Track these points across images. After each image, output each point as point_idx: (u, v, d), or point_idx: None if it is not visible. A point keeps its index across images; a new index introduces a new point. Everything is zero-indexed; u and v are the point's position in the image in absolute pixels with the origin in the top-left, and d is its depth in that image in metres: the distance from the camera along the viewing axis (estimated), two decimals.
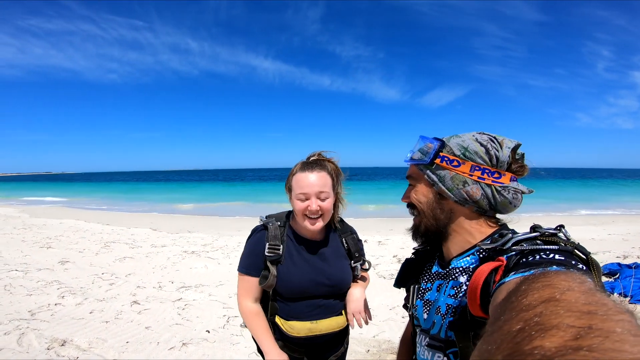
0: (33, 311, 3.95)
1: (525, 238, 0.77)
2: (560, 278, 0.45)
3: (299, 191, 1.47)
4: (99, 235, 9.18)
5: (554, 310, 0.35)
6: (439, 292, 0.96)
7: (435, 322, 0.92)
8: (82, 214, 15.27)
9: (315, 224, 1.50)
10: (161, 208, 18.38)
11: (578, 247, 0.71)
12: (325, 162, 1.57)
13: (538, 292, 0.41)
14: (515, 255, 0.73)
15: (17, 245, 7.76)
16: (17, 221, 12.08)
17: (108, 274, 5.58)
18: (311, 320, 1.55)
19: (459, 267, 0.93)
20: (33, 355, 2.97)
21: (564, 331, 0.31)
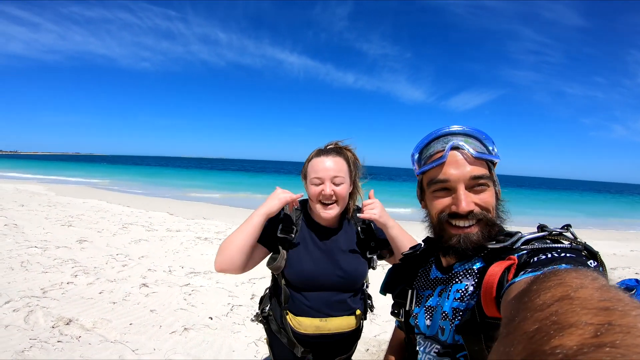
0: (45, 289, 3.97)
1: (534, 237, 0.76)
2: (572, 276, 0.43)
3: (313, 175, 1.43)
4: (119, 217, 9.30)
5: (569, 308, 0.34)
6: (441, 297, 0.92)
7: (443, 327, 0.87)
8: (105, 194, 15.59)
9: (329, 210, 1.43)
10: (180, 194, 18.61)
11: (586, 245, 0.70)
12: (343, 149, 1.52)
13: (550, 291, 0.40)
14: (525, 255, 0.72)
15: (40, 222, 7.91)
16: (43, 198, 12.37)
17: (122, 255, 5.62)
18: (320, 318, 1.46)
19: (462, 271, 0.89)
20: (37, 333, 2.96)
21: (582, 329, 0.30)
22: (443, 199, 0.86)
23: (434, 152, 0.89)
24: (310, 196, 1.46)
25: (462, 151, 0.86)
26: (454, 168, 0.84)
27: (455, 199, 0.83)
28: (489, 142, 0.90)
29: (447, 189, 0.86)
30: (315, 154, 1.49)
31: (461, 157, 0.85)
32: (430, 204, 0.90)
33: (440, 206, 0.87)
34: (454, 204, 0.83)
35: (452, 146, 0.86)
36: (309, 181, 1.45)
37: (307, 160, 1.50)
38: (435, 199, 0.88)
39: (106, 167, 55.21)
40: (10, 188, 15.14)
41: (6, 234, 6.41)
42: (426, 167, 0.89)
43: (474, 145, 0.87)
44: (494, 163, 0.90)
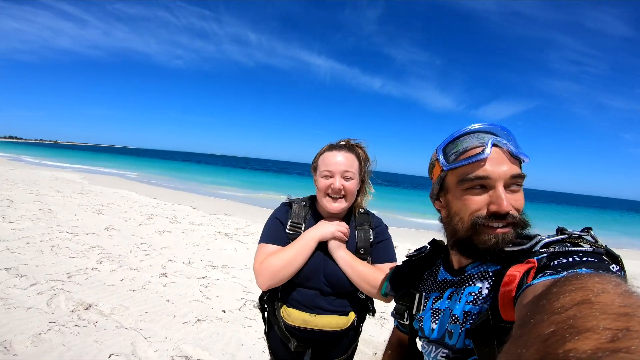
0: (71, 274, 4.08)
1: (554, 240, 0.72)
2: (594, 280, 0.41)
3: (323, 168, 1.42)
4: (145, 208, 9.55)
5: (588, 312, 0.33)
6: (450, 300, 0.87)
7: (452, 331, 0.83)
8: (134, 186, 16.13)
9: (337, 204, 1.42)
10: (204, 189, 18.99)
11: (608, 249, 0.67)
12: (354, 146, 1.52)
13: (570, 295, 0.39)
14: (545, 258, 0.68)
15: (73, 208, 8.21)
16: (77, 186, 12.88)
17: (145, 245, 5.74)
18: (309, 313, 1.43)
19: (475, 273, 0.84)
20: (56, 317, 3.04)
21: (599, 334, 0.29)
22: (479, 197, 0.80)
23: (469, 147, 0.82)
24: (319, 189, 1.45)
25: (502, 148, 0.80)
26: (495, 165, 0.78)
27: (494, 198, 0.77)
28: (516, 142, 0.84)
29: (483, 187, 0.80)
30: (327, 148, 1.48)
31: (501, 154, 0.80)
32: (461, 204, 0.82)
33: (475, 205, 0.80)
34: (493, 202, 0.77)
35: (494, 142, 0.79)
36: (318, 174, 1.45)
37: (319, 154, 1.50)
38: (468, 198, 0.81)
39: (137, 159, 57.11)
40: (48, 175, 15.87)
41: (40, 218, 6.69)
42: (463, 162, 0.81)
43: (510, 143, 0.81)
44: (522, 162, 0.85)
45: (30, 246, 4.91)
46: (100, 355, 2.57)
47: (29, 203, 8.10)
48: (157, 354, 2.70)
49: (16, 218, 6.43)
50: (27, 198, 8.77)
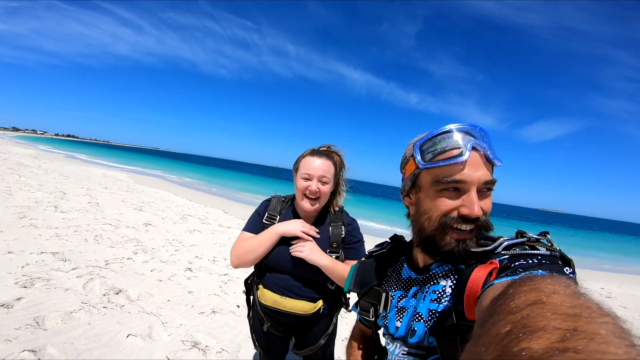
0: (108, 261, 4.37)
1: (514, 243, 0.75)
2: (546, 282, 0.44)
3: (304, 171, 1.55)
4: (181, 208, 9.97)
5: (540, 312, 0.35)
6: (415, 299, 0.87)
7: (415, 329, 0.83)
8: (173, 187, 16.83)
9: (312, 205, 1.56)
10: (237, 195, 19.45)
11: (562, 253, 0.70)
12: (333, 154, 1.64)
13: (525, 295, 0.41)
14: (506, 259, 0.70)
15: (117, 204, 8.74)
16: (124, 184, 13.66)
17: (177, 241, 6.03)
18: (280, 295, 1.59)
19: (440, 272, 0.85)
20: (89, 298, 3.27)
21: (550, 333, 0.31)
22: (451, 199, 0.78)
23: (447, 147, 0.78)
24: (298, 189, 1.58)
25: (479, 152, 0.78)
26: (472, 169, 0.76)
27: (467, 202, 0.76)
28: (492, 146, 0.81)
29: (456, 190, 0.78)
30: (309, 152, 1.61)
31: (478, 158, 0.77)
32: (432, 204, 0.81)
33: (446, 207, 0.78)
34: (465, 206, 0.76)
35: (473, 145, 0.77)
36: (299, 175, 1.57)
37: (301, 157, 1.62)
38: (441, 200, 0.79)
39: (178, 163, 59.43)
40: (99, 173, 16.97)
41: (88, 210, 7.20)
42: (441, 163, 0.78)
43: (487, 147, 0.79)
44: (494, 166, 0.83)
45: (77, 234, 5.30)
46: (119, 335, 2.75)
47: (80, 196, 8.72)
48: (170, 338, 2.87)
49: (67, 209, 6.98)
50: (78, 192, 9.45)
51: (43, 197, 7.72)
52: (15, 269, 3.61)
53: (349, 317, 3.74)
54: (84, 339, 2.60)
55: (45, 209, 6.62)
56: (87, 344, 2.56)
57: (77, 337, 2.62)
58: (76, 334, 2.65)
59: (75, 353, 2.42)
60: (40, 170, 13.37)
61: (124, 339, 2.71)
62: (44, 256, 4.14)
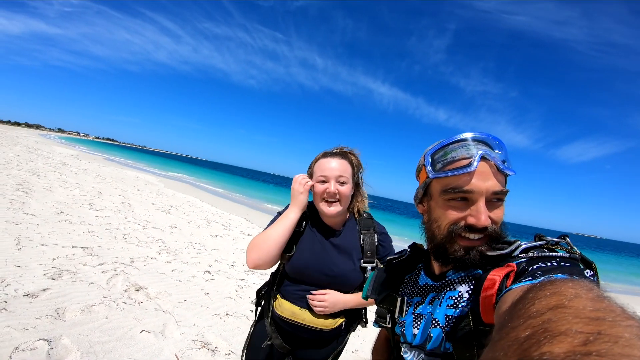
0: (133, 259, 4.42)
1: (532, 246, 0.71)
2: (567, 285, 0.41)
3: (319, 174, 1.43)
4: (205, 213, 10.12)
5: (562, 316, 0.33)
6: (432, 305, 0.84)
7: (432, 335, 0.79)
8: (200, 193, 17.19)
9: (332, 208, 1.42)
10: (260, 205, 19.61)
11: (583, 256, 0.66)
12: (347, 153, 1.52)
13: (546, 300, 0.39)
14: (524, 263, 0.67)
15: (147, 205, 8.97)
16: (154, 187, 14.07)
17: (199, 245, 6.07)
18: (300, 307, 1.43)
19: (456, 278, 0.81)
20: (110, 293, 3.29)
21: (572, 337, 0.29)
22: (459, 209, 0.77)
23: (457, 157, 0.78)
24: (315, 194, 1.45)
25: (489, 163, 0.76)
26: (480, 180, 0.75)
27: (474, 212, 0.75)
28: (504, 153, 0.79)
29: (464, 199, 0.77)
30: (322, 155, 1.49)
31: (488, 169, 0.75)
32: (441, 212, 0.80)
33: (454, 217, 0.77)
34: (472, 216, 0.75)
35: (482, 155, 0.75)
36: (314, 179, 1.45)
37: (314, 161, 1.50)
38: (449, 208, 0.78)
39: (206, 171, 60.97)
40: (133, 175, 17.57)
41: (120, 210, 7.40)
42: (449, 173, 0.77)
43: (498, 156, 0.77)
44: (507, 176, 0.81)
45: (107, 232, 5.43)
46: (133, 330, 2.73)
47: (114, 196, 9.01)
48: (182, 337, 2.82)
49: (101, 207, 7.19)
50: (112, 192, 9.77)
51: (80, 195, 8.01)
52: (46, 261, 3.69)
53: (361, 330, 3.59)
54: (99, 332, 2.59)
55: (81, 206, 6.85)
56: (101, 337, 2.54)
57: (93, 329, 2.60)
58: (93, 327, 2.64)
59: (88, 345, 2.40)
60: (80, 170, 13.96)
61: (137, 334, 2.69)
62: (75, 250, 4.23)
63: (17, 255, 3.67)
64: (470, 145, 0.77)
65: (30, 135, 49.78)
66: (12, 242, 4.04)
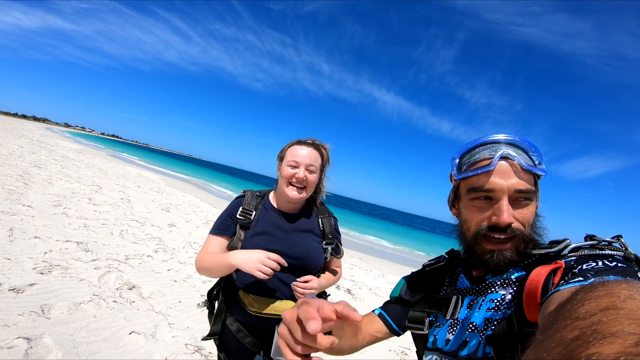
0: (129, 256, 4.29)
1: (583, 245, 0.68)
2: (621, 287, 0.38)
3: (291, 158, 1.46)
4: (205, 213, 9.99)
5: (613, 318, 0.31)
6: (470, 309, 0.81)
7: (467, 340, 0.76)
8: (200, 193, 17.09)
9: (299, 193, 1.46)
10: None
11: (638, 257, 0.63)
12: (319, 146, 1.57)
13: (596, 301, 0.36)
14: (573, 261, 0.64)
15: (147, 203, 8.86)
16: (155, 185, 13.98)
17: (197, 245, 5.92)
18: (278, 298, 1.42)
19: (498, 281, 0.78)
20: (101, 291, 3.15)
21: (623, 338, 0.27)
22: (483, 209, 0.77)
23: (479, 158, 0.79)
24: (283, 177, 1.47)
25: (511, 162, 0.75)
26: (501, 178, 0.74)
27: (496, 210, 0.74)
28: (537, 156, 0.79)
29: (488, 199, 0.77)
30: (296, 142, 1.53)
31: (509, 168, 0.75)
32: (468, 213, 0.80)
33: (479, 217, 0.78)
34: (495, 214, 0.74)
35: (502, 155, 0.75)
36: (285, 163, 1.47)
37: (287, 146, 1.54)
38: (474, 209, 0.79)
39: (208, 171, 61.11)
40: (135, 172, 17.52)
41: (119, 206, 7.29)
42: (470, 173, 0.78)
43: (523, 157, 0.77)
44: (539, 176, 0.79)
45: (104, 227, 5.31)
46: (122, 331, 2.59)
47: (114, 192, 8.91)
48: (174, 340, 2.67)
49: (100, 202, 7.09)
50: (113, 187, 9.68)
51: (80, 189, 7.92)
52: (38, 255, 3.56)
53: None
54: (85, 332, 2.44)
55: (79, 200, 6.75)
56: (87, 337, 2.40)
57: (79, 329, 2.46)
58: (78, 326, 2.50)
59: (71, 345, 2.26)
60: (83, 164, 13.91)
61: (125, 336, 2.54)
62: (68, 245, 4.11)
63: (8, 247, 3.55)
64: (493, 147, 0.78)
65: (36, 129, 50.07)
66: (5, 233, 3.92)
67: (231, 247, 1.45)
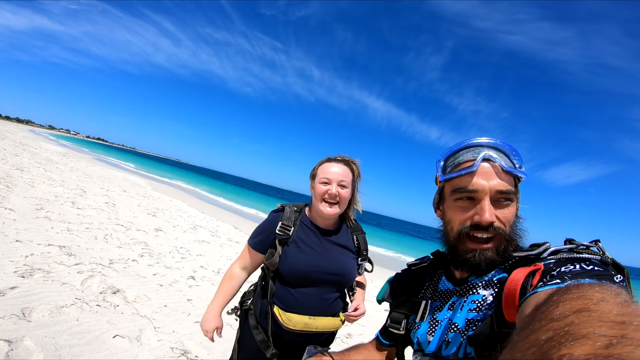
0: (113, 261, 4.21)
1: (562, 249, 0.71)
2: (594, 289, 0.40)
3: (322, 176, 1.51)
4: (193, 218, 9.88)
5: (585, 320, 0.33)
6: (451, 311, 0.83)
7: (450, 341, 0.79)
8: (188, 198, 16.86)
9: (332, 209, 1.50)
10: (249, 214, 19.37)
11: (615, 261, 0.65)
12: (350, 162, 1.60)
13: (570, 303, 0.38)
14: (552, 263, 0.66)
15: (132, 207, 8.72)
16: (141, 190, 13.76)
17: (184, 250, 5.87)
18: (309, 315, 1.47)
19: (479, 282, 0.81)
20: (84, 295, 3.09)
21: (594, 340, 0.29)
22: (466, 209, 0.80)
23: (463, 160, 0.82)
24: (316, 195, 1.53)
25: (492, 163, 0.79)
26: (483, 179, 0.77)
27: (479, 210, 0.77)
28: (518, 159, 0.82)
29: (471, 199, 0.79)
30: (326, 160, 1.58)
31: (491, 169, 0.78)
32: (452, 213, 0.83)
33: (463, 217, 0.80)
34: (477, 213, 0.77)
35: (484, 157, 0.79)
36: (317, 180, 1.53)
37: (319, 164, 1.59)
38: (457, 209, 0.81)
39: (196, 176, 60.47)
40: (120, 176, 17.21)
41: (103, 210, 7.16)
42: (453, 175, 0.81)
43: (504, 159, 0.80)
44: (519, 179, 0.83)
45: (88, 231, 5.20)
46: (106, 335, 2.54)
47: (98, 196, 8.74)
48: (159, 343, 2.64)
49: (84, 206, 6.95)
50: (97, 191, 9.49)
51: (63, 192, 7.75)
52: (19, 258, 3.48)
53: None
54: (67, 335, 2.40)
55: (62, 203, 6.61)
56: (69, 340, 2.35)
57: (61, 332, 2.41)
58: (60, 329, 2.44)
59: (53, 348, 2.21)
60: (66, 167, 13.62)
61: (109, 339, 2.50)
62: (50, 248, 4.02)
63: None
64: (477, 149, 0.81)
65: (19, 131, 48.87)
66: None
67: (271, 262, 1.49)
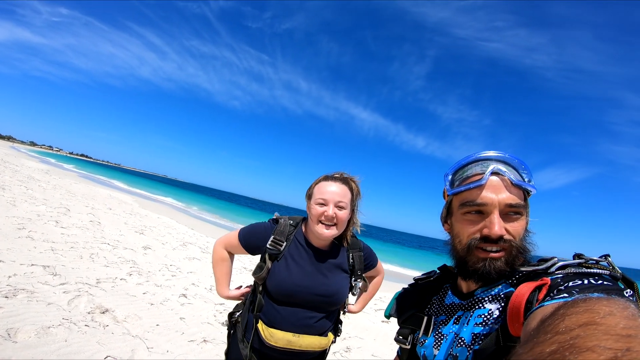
0: (100, 280, 4.10)
1: (570, 264, 0.70)
2: (602, 303, 0.41)
3: (319, 196, 1.43)
4: (182, 235, 9.72)
5: (591, 333, 0.32)
6: (458, 324, 0.83)
7: (456, 355, 0.78)
8: (176, 214, 16.62)
9: (329, 231, 1.43)
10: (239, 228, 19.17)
11: (624, 275, 0.65)
12: (348, 179, 1.54)
13: (576, 316, 0.38)
14: (560, 278, 0.66)
15: (119, 225, 8.54)
16: (128, 207, 13.50)
17: (174, 267, 5.75)
18: (293, 333, 1.39)
19: (486, 297, 0.80)
20: (72, 315, 3.00)
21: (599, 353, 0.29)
22: (475, 222, 0.80)
23: (471, 174, 0.83)
24: (312, 216, 1.44)
25: (501, 177, 0.79)
26: (492, 192, 0.78)
27: (488, 223, 0.77)
28: (527, 173, 0.84)
29: (480, 213, 0.80)
30: (323, 178, 1.50)
31: (500, 182, 0.79)
32: (461, 227, 0.83)
33: (471, 230, 0.80)
34: (486, 227, 0.77)
35: (493, 171, 0.80)
36: (313, 201, 1.45)
37: (315, 183, 1.51)
38: (466, 222, 0.81)
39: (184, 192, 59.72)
40: (105, 194, 16.87)
41: (89, 229, 6.99)
42: (462, 188, 0.82)
43: (513, 173, 0.81)
44: (529, 192, 0.83)
45: (73, 251, 5.06)
46: (96, 355, 2.46)
47: (83, 214, 8.54)
48: None
49: (68, 225, 6.77)
50: (82, 210, 9.28)
51: (46, 211, 7.55)
52: (1, 278, 3.36)
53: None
54: (56, 356, 2.31)
55: (45, 222, 6.43)
56: None
57: (49, 352, 2.32)
58: (48, 350, 2.36)
59: None
60: (49, 185, 13.32)
61: None
62: (34, 268, 3.89)
63: None
64: (485, 163, 0.82)
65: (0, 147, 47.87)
66: None
67: (258, 277, 1.45)
